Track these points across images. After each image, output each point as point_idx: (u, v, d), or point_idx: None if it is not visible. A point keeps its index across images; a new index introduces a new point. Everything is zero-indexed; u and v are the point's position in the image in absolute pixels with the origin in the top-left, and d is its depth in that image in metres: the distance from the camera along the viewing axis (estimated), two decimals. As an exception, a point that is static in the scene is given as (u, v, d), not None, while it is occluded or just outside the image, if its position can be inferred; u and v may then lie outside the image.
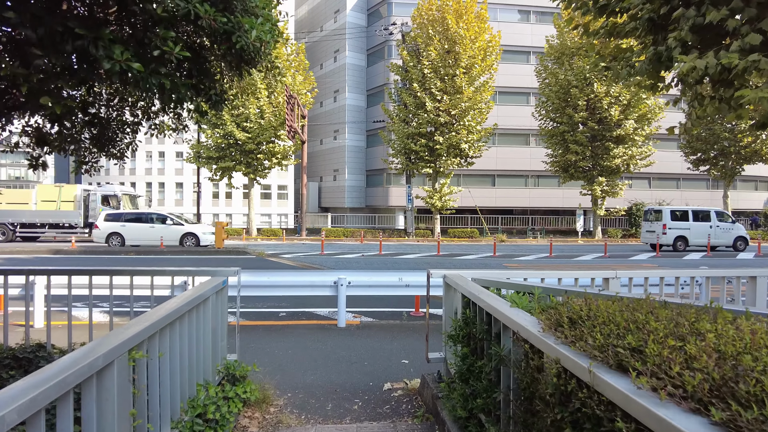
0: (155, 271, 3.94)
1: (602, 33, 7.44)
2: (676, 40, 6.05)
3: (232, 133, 26.14)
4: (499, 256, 17.31)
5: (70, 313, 3.97)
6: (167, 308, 2.72)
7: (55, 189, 23.75)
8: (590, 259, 17.08)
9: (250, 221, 28.93)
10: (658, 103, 27.00)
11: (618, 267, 4.84)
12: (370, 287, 6.77)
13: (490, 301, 2.80)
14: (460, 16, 25.58)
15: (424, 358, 5.34)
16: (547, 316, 2.17)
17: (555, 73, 27.30)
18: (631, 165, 27.93)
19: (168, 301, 2.88)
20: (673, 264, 15.37)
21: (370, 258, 16.38)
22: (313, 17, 48.44)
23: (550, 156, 29.82)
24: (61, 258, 15.89)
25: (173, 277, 3.98)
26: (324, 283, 6.66)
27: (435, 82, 25.66)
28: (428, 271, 4.06)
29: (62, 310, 5.48)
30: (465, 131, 26.26)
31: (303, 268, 13.67)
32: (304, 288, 6.69)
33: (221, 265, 13.58)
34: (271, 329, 6.56)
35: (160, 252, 17.68)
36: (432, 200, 27.29)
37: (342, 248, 21.27)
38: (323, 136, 46.33)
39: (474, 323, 3.10)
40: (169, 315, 2.67)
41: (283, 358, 5.26)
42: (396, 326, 6.77)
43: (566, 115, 27.25)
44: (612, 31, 7.44)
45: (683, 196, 37.82)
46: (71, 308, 3.95)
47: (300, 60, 28.02)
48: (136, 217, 20.18)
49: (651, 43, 7.01)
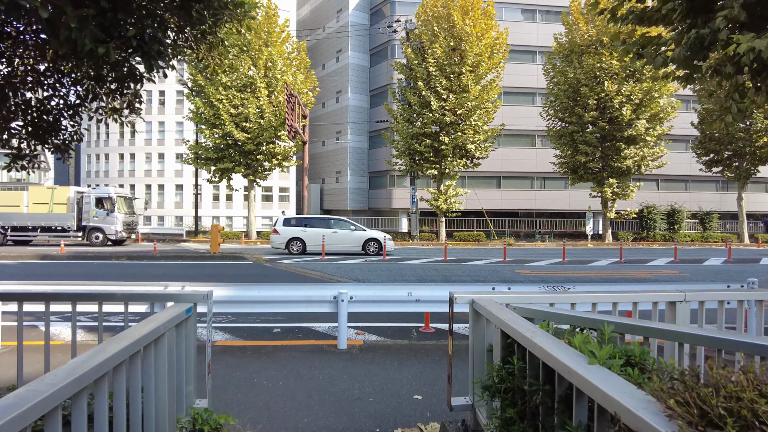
0: (104, 295, 3.10)
1: (631, 18, 6.60)
2: (726, 19, 5.18)
3: (231, 133, 25.36)
4: (509, 262, 16.44)
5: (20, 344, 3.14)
6: (96, 360, 1.89)
7: (48, 191, 23.02)
8: (605, 264, 16.20)
9: (250, 224, 28.12)
10: (671, 102, 26.11)
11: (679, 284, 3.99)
12: (374, 303, 5.93)
13: (552, 350, 1.95)
14: (466, 12, 24.77)
15: (439, 391, 4.50)
16: (678, 401, 1.31)
17: (564, 71, 26.44)
18: (642, 166, 27.05)
19: (98, 348, 2.05)
20: (692, 270, 14.50)
21: (373, 264, 15.54)
22: (315, 17, 47.72)
23: (558, 157, 28.96)
24: (45, 264, 15.09)
25: (126, 304, 3.13)
26: (322, 298, 5.82)
27: (440, 81, 24.84)
28: (451, 294, 3.21)
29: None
30: (471, 131, 25.44)
31: (302, 274, 12.84)
32: (299, 304, 5.85)
33: (214, 274, 12.75)
34: (261, 351, 5.72)
35: (153, 257, 16.87)
36: (437, 202, 26.44)
37: (344, 252, 20.42)
38: (325, 138, 45.57)
39: (524, 375, 2.26)
40: (98, 368, 1.85)
41: (271, 392, 4.41)
42: (405, 348, 5.92)
43: (575, 114, 26.39)
44: (642, 15, 6.58)
45: (692, 198, 36.91)
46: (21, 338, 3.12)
47: (301, 58, 27.26)
48: (319, 223, 19.29)
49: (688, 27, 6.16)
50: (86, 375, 1.78)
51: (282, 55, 26.58)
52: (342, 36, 42.43)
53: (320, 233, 18.52)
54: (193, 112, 27.00)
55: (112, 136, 48.50)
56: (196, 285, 5.89)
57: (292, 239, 18.40)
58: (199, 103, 25.92)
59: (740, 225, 29.84)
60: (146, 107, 47.76)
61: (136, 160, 48.03)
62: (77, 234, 22.74)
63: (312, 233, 18.60)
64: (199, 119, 26.51)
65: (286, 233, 18.60)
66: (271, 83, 26.31)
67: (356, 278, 12.12)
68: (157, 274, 12.70)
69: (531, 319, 2.78)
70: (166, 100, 47.78)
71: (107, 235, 22.86)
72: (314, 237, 18.51)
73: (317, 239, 18.39)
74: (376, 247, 18.68)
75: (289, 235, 18.54)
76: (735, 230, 32.57)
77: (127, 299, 3.09)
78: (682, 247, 23.78)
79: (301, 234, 18.58)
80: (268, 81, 26.18)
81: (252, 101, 25.31)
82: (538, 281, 11.86)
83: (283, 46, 26.87)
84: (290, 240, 18.47)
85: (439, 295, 5.95)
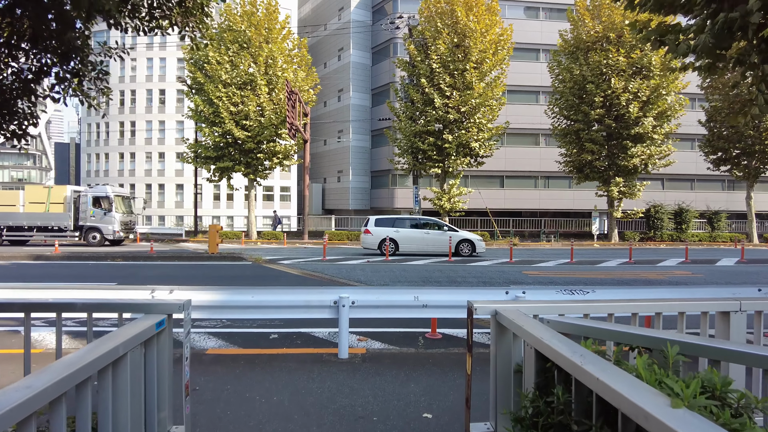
0: (61, 305, 2.64)
1: (650, 5, 6.18)
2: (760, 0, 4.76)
3: (231, 132, 24.94)
4: (516, 262, 15.97)
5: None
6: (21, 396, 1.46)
7: (44, 190, 22.62)
8: (615, 265, 15.72)
9: (250, 224, 27.69)
10: (679, 99, 25.61)
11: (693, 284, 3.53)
12: (378, 308, 5.47)
13: (614, 383, 1.50)
14: (470, 8, 24.31)
15: (451, 408, 4.03)
16: None
17: (570, 68, 25.94)
18: (650, 165, 26.54)
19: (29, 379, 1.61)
20: (706, 271, 14.02)
21: (376, 265, 15.09)
22: (316, 15, 47.31)
23: (563, 156, 28.46)
24: (37, 265, 14.67)
25: (90, 315, 2.68)
26: (322, 303, 5.36)
27: (444, 78, 24.38)
28: (470, 304, 2.75)
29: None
30: (475, 129, 24.97)
31: (302, 275, 12.39)
32: (297, 309, 5.39)
33: (210, 275, 12.29)
34: (255, 361, 5.27)
35: (149, 258, 16.44)
36: (440, 202, 25.98)
37: (346, 253, 20.00)
38: (327, 137, 45.17)
39: (570, 410, 1.80)
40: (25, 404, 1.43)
41: (265, 410, 3.96)
42: (411, 357, 5.47)
43: (581, 112, 25.90)
44: (662, 2, 6.16)
45: (698, 197, 36.41)
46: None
47: (302, 55, 26.83)
48: (411, 223, 18.98)
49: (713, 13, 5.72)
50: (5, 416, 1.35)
51: (282, 52, 26.15)
52: (344, 34, 42.02)
53: (413, 234, 18.41)
54: (192, 110, 26.59)
55: (112, 135, 48.16)
56: (186, 289, 5.44)
57: (385, 240, 18.15)
58: (198, 101, 25.51)
59: (749, 225, 29.31)
60: (146, 106, 47.45)
61: (136, 159, 47.68)
62: (74, 234, 22.33)
63: (405, 234, 18.41)
64: (198, 117, 26.09)
65: (379, 234, 18.36)
66: (272, 80, 25.88)
67: (359, 279, 11.67)
68: (151, 275, 12.26)
69: (567, 334, 2.33)
70: (166, 98, 47.42)
71: (105, 235, 22.45)
72: (407, 238, 18.32)
73: (410, 240, 18.24)
74: (469, 249, 18.27)
75: (381, 236, 18.29)
76: (743, 230, 32.04)
77: (90, 310, 2.63)
78: (690, 247, 23.25)
79: (393, 234, 18.33)
80: (268, 78, 25.75)
81: (252, 99, 24.89)
82: (547, 282, 11.40)
83: (284, 43, 26.44)
84: (383, 240, 18.21)
85: (449, 299, 5.50)
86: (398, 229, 18.49)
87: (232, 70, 25.00)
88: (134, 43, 46.55)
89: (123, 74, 47.92)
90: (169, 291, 5.40)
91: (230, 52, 24.98)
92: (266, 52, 25.13)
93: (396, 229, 18.46)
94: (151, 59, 47.40)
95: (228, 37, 25.22)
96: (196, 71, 25.42)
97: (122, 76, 47.95)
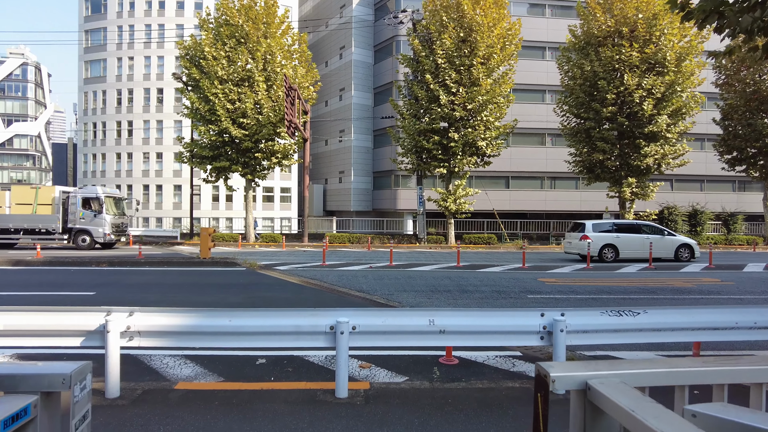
0: None
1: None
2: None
3: (228, 130, 23.95)
4: (529, 268, 14.92)
5: None
6: None
7: (32, 191, 21.64)
8: (635, 271, 14.67)
9: (248, 226, 26.67)
10: (695, 96, 24.52)
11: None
12: (385, 334, 4.44)
13: None
14: (476, 1, 23.30)
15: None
16: None
17: (580, 64, 24.85)
18: (663, 164, 25.44)
19: None
20: (735, 278, 12.97)
21: (379, 271, 14.06)
22: (317, 13, 46.37)
23: (573, 155, 27.38)
24: (13, 271, 13.67)
25: None
26: (315, 329, 4.34)
27: (449, 73, 23.35)
28: (542, 371, 1.71)
29: None
30: (482, 127, 23.93)
31: (299, 284, 11.36)
32: (284, 337, 4.37)
33: (198, 282, 11.21)
34: (233, 401, 4.24)
35: (136, 263, 15.42)
36: (446, 203, 24.92)
37: (347, 257, 18.98)
38: (328, 137, 44.20)
39: None
40: None
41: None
42: (425, 395, 4.43)
43: (593, 110, 24.82)
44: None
45: (709, 198, 35.39)
46: None
47: (302, 50, 25.82)
48: (629, 227, 18.08)
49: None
50: None
51: (281, 48, 25.14)
52: (345, 32, 41.07)
53: (634, 239, 17.46)
54: (187, 108, 25.60)
55: (109, 135, 47.23)
56: (150, 311, 4.42)
57: (605, 246, 17.24)
58: (193, 98, 24.52)
59: (766, 227, 28.21)
60: (143, 105, 46.52)
61: (133, 159, 46.77)
62: (63, 236, 21.33)
63: (625, 239, 17.42)
64: (193, 115, 25.09)
65: (599, 240, 17.37)
66: (270, 77, 24.88)
67: (361, 288, 10.64)
68: (134, 283, 11.25)
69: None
70: (164, 98, 46.49)
71: (95, 238, 21.45)
72: (627, 243, 17.35)
73: (630, 245, 17.28)
74: (687, 254, 17.45)
75: (601, 242, 17.34)
76: (759, 232, 30.94)
77: None
78: (704, 250, 22.15)
79: (614, 240, 17.41)
80: (266, 75, 24.75)
81: (249, 96, 23.88)
82: (567, 291, 10.37)
83: (283, 38, 25.44)
84: (603, 247, 17.30)
85: (472, 324, 4.47)
86: (618, 235, 17.53)
87: (229, 66, 24.01)
88: (132, 39, 45.69)
89: (120, 73, 47.01)
90: (128, 313, 4.39)
91: (227, 48, 23.99)
92: (264, 47, 24.13)
93: (616, 235, 17.53)
94: (149, 57, 46.47)
95: (225, 31, 24.24)
96: (192, 67, 24.43)
97: (119, 74, 47.04)
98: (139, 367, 5.31)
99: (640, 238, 17.49)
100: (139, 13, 46.45)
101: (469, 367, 5.37)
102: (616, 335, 4.64)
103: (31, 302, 8.78)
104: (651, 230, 18.05)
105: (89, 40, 47.99)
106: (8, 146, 78.34)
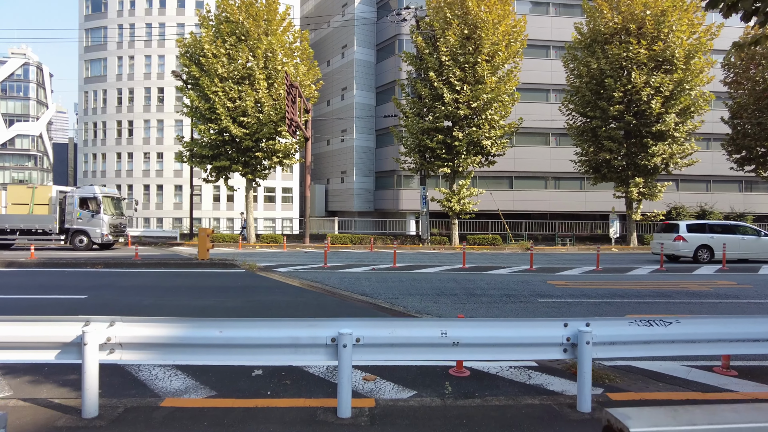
0: None
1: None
2: None
3: (228, 129, 23.54)
4: (537, 270, 14.48)
5: None
6: None
7: (28, 191, 21.25)
8: (646, 273, 14.21)
9: (249, 226, 26.25)
10: (703, 94, 24.04)
11: None
12: (392, 347, 4.01)
13: None
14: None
15: None
16: None
17: (587, 62, 24.39)
18: (671, 164, 24.95)
19: None
20: (751, 281, 12.50)
21: (382, 273, 13.63)
22: (319, 12, 45.99)
23: (579, 155, 26.91)
24: (5, 273, 13.28)
25: None
26: (315, 341, 3.91)
27: (454, 71, 22.91)
28: (610, 419, 1.27)
29: None
30: (487, 126, 23.47)
31: (300, 286, 10.94)
32: (280, 350, 3.94)
33: (195, 285, 10.74)
34: (224, 420, 3.82)
35: (132, 264, 15.01)
36: (450, 203, 24.47)
37: (349, 258, 18.55)
38: (330, 136, 43.79)
39: None
40: None
41: None
42: (436, 414, 4.00)
43: (599, 108, 24.36)
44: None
45: (714, 198, 34.87)
46: None
47: (303, 48, 25.40)
48: (724, 228, 17.77)
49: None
50: None
51: (283, 45, 24.73)
52: (347, 31, 40.66)
53: (729, 240, 17.10)
54: (187, 106, 25.21)
55: (109, 134, 46.91)
56: (132, 321, 4.00)
57: (701, 246, 16.88)
58: (193, 96, 24.12)
59: (776, 228, 27.73)
60: (144, 104, 46.19)
61: (134, 159, 46.44)
62: (60, 237, 20.95)
63: (720, 240, 17.08)
64: (193, 113, 24.69)
65: (694, 240, 17.12)
66: (271, 75, 24.47)
67: (364, 291, 10.22)
68: (128, 285, 10.84)
69: None
70: (165, 97, 46.16)
71: (92, 238, 21.06)
72: (722, 244, 16.94)
73: (725, 246, 16.85)
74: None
75: (697, 243, 17.06)
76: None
77: None
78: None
79: (708, 241, 17.11)
80: (267, 72, 24.34)
81: (250, 94, 23.46)
82: (579, 295, 9.92)
83: (284, 35, 25.03)
84: (699, 247, 16.99)
85: (489, 336, 4.03)
86: (713, 236, 17.22)
87: (229, 64, 23.61)
88: (132, 38, 45.37)
89: (121, 72, 46.69)
90: (108, 323, 3.97)
91: (227, 45, 23.59)
92: (265, 44, 23.71)
93: (711, 236, 17.22)
94: (150, 56, 46.13)
95: (225, 28, 23.83)
96: (191, 65, 24.03)
97: (120, 74, 46.72)
98: (125, 378, 4.90)
99: (736, 239, 17.19)
100: (139, 12, 46.13)
101: (481, 379, 4.94)
102: (647, 347, 4.21)
103: (18, 306, 8.37)
104: (747, 231, 17.68)
105: (89, 39, 47.68)
106: (10, 146, 78.18)
